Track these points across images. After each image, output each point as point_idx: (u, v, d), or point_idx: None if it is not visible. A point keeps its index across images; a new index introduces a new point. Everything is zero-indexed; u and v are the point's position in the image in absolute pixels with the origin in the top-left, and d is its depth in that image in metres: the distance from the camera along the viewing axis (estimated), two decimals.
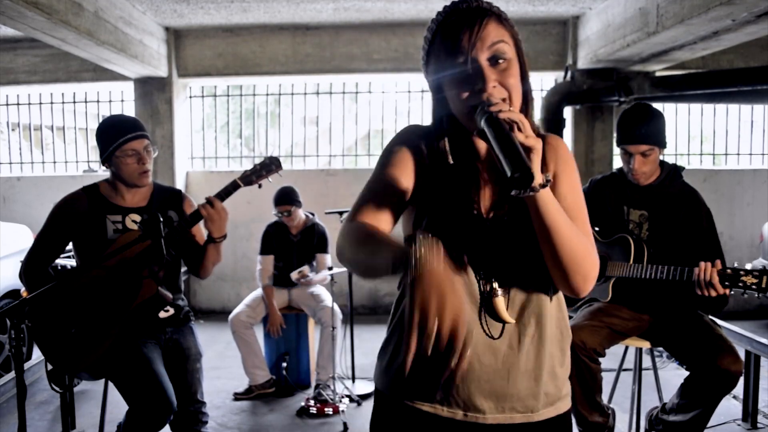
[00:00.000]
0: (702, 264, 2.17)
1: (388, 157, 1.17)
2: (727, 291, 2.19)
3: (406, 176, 1.15)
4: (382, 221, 1.11)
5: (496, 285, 1.12)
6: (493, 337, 1.12)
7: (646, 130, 2.46)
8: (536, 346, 1.14)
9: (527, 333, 1.13)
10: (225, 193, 2.22)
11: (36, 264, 2.27)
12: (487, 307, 1.12)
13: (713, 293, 2.16)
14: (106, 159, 2.27)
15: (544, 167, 1.10)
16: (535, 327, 1.13)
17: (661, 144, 2.48)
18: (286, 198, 3.77)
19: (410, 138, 1.19)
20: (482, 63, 1.06)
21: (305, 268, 3.71)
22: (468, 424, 1.13)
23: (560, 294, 1.18)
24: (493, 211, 1.14)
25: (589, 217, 1.18)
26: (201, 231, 2.34)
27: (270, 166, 2.28)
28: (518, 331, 1.13)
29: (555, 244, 1.03)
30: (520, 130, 0.95)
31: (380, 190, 1.15)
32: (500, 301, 1.11)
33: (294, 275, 3.68)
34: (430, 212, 1.14)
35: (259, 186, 2.29)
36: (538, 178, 0.96)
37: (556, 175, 1.13)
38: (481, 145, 1.15)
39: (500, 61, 1.06)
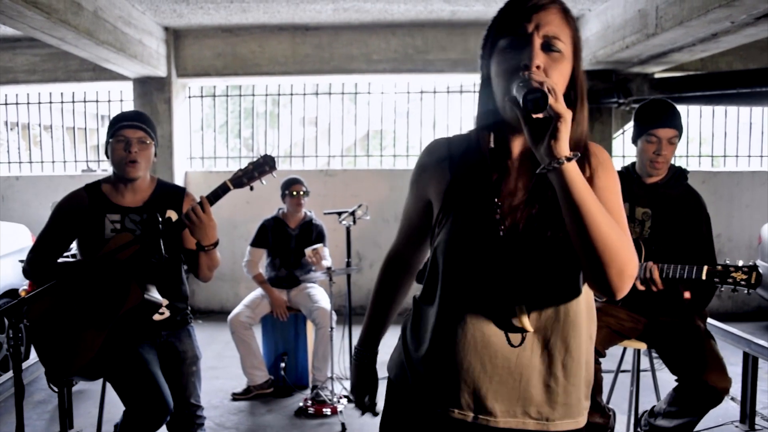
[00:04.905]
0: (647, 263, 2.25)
1: (411, 183, 1.26)
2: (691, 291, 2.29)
3: (424, 201, 1.23)
4: (411, 245, 1.34)
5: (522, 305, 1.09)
6: (514, 345, 1.09)
7: (674, 117, 2.45)
8: (556, 351, 1.10)
9: (546, 338, 1.10)
10: (214, 196, 2.10)
11: (38, 262, 2.25)
12: (505, 319, 1.09)
13: (654, 288, 2.25)
14: (106, 150, 2.27)
15: (583, 169, 1.06)
16: (556, 333, 1.09)
17: (681, 137, 2.48)
18: (300, 181, 3.87)
19: (430, 157, 1.22)
20: (534, 41, 1.02)
21: (319, 246, 3.65)
22: (478, 426, 1.11)
23: (589, 305, 1.14)
24: (520, 214, 1.10)
25: None
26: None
27: (263, 166, 2.12)
28: (537, 335, 1.09)
29: (585, 226, 0.96)
30: (550, 92, 0.92)
31: (406, 220, 1.32)
32: (521, 311, 1.08)
33: (308, 251, 3.61)
34: (452, 225, 1.13)
35: (251, 188, 2.14)
36: (564, 151, 0.93)
37: (595, 175, 1.09)
38: (516, 145, 1.12)
39: (553, 50, 1.03)
